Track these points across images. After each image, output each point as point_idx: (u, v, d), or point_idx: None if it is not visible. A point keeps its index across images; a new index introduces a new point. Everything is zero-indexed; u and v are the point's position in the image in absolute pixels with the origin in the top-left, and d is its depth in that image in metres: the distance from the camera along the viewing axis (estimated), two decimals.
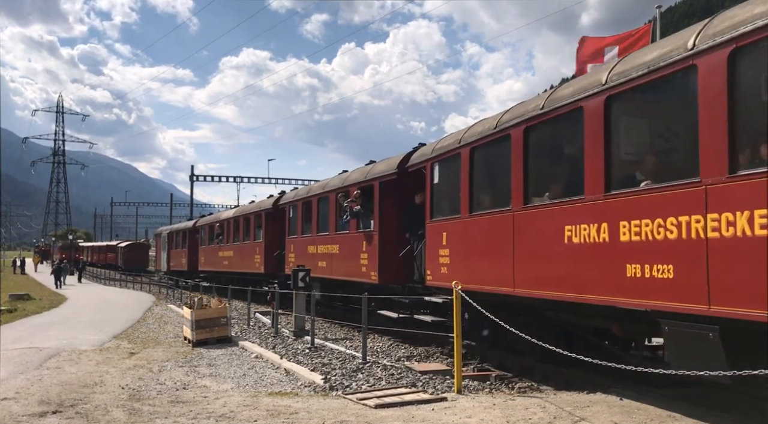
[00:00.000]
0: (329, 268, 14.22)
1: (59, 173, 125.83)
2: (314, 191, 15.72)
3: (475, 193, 8.94)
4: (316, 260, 14.95)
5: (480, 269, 8.58)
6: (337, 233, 13.76)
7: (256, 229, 20.88)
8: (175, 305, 22.20)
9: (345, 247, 13.31)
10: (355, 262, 12.57)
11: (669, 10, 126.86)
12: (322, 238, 14.77)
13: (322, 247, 14.69)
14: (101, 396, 7.39)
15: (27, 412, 6.55)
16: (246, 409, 6.52)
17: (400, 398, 6.77)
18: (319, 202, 15.30)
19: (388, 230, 11.76)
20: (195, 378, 8.64)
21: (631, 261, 5.87)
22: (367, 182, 12.55)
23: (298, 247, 16.56)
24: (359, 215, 12.59)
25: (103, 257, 66.79)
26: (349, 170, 14.91)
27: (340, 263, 13.60)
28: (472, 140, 8.94)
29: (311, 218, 15.68)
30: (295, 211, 17.15)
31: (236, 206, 31.30)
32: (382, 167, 12.23)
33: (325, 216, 14.72)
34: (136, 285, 37.00)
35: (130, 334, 14.45)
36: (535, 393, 7.03)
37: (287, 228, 17.78)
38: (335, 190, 14.10)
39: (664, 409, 5.80)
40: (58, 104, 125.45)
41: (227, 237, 24.46)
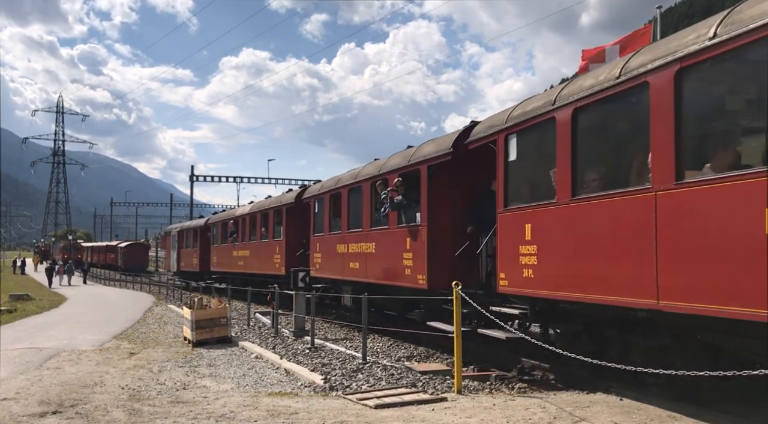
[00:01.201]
0: (363, 270, 12.42)
1: (59, 173, 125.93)
2: (344, 182, 13.74)
3: (582, 169, 6.84)
4: (346, 260, 13.21)
5: (590, 272, 6.52)
6: (373, 229, 11.98)
7: (276, 226, 19.10)
8: (175, 305, 22.20)
9: (383, 245, 11.58)
10: (397, 263, 10.89)
11: (669, 10, 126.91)
12: (354, 235, 12.94)
13: (354, 246, 12.89)
14: (101, 396, 7.39)
15: (27, 412, 6.55)
16: (246, 409, 6.52)
17: (400, 398, 6.77)
18: (350, 194, 13.36)
19: (441, 224, 9.94)
20: (195, 378, 8.63)
21: None
22: (411, 167, 10.71)
23: (325, 246, 14.71)
24: (401, 206, 10.84)
25: (103, 257, 66.86)
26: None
27: (377, 264, 11.83)
28: (577, 98, 6.81)
29: (341, 213, 13.77)
30: (321, 205, 15.22)
31: (235, 206, 30.77)
32: (430, 148, 10.35)
33: (358, 210, 12.85)
34: (136, 285, 37.01)
35: (130, 334, 14.44)
36: (535, 393, 7.03)
37: (312, 225, 15.84)
38: (370, 179, 12.21)
39: (664, 409, 5.80)
40: (58, 104, 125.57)
41: (242, 235, 22.62)
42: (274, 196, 21.47)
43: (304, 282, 13.56)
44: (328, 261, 14.43)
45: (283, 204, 18.68)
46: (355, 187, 13.10)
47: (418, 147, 11.09)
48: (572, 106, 6.90)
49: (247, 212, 22.47)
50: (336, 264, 13.67)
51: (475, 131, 9.22)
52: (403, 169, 11.01)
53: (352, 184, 13.26)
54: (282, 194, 20.29)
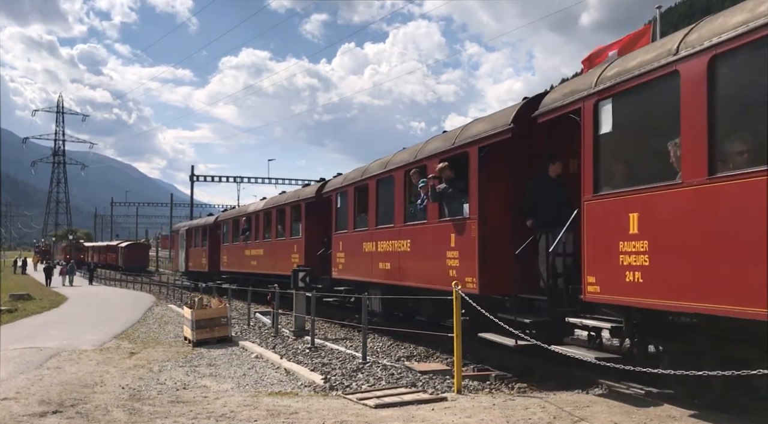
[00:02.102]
0: (396, 271, 10.99)
1: (59, 173, 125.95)
2: (372, 172, 12.38)
3: (723, 138, 5.24)
4: (375, 260, 11.87)
5: (736, 276, 4.95)
6: (409, 225, 10.61)
7: (294, 223, 17.61)
8: (175, 304, 22.21)
9: (421, 242, 10.18)
10: (438, 263, 9.43)
11: (669, 10, 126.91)
12: (384, 232, 11.53)
13: (384, 243, 11.47)
14: (101, 396, 7.40)
15: (27, 412, 6.56)
16: (246, 409, 6.52)
17: (399, 398, 6.77)
18: (379, 186, 11.95)
19: (495, 216, 8.48)
20: (195, 378, 8.64)
21: None
22: (457, 150, 9.24)
23: (349, 244, 13.39)
24: (444, 196, 9.44)
25: (104, 257, 66.92)
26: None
27: (412, 265, 10.44)
28: (717, 42, 5.18)
29: (367, 207, 12.43)
30: (344, 199, 13.82)
31: (235, 207, 30.24)
32: (482, 126, 8.83)
33: (389, 203, 11.47)
34: (137, 285, 37.04)
35: (130, 334, 14.45)
36: (535, 393, 7.03)
37: (334, 221, 14.45)
38: (404, 167, 10.85)
39: (664, 409, 5.80)
40: (58, 104, 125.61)
41: (256, 233, 21.08)
42: (290, 191, 19.86)
43: (305, 282, 13.39)
44: (352, 261, 13.13)
45: (301, 199, 17.10)
46: (385, 178, 11.69)
47: (464, 127, 9.58)
48: (708, 54, 5.24)
49: (261, 209, 20.84)
50: (362, 264, 12.43)
51: (547, 100, 7.59)
52: (446, 153, 9.55)
53: (381, 174, 11.82)
54: (300, 188, 18.78)
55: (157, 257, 71.10)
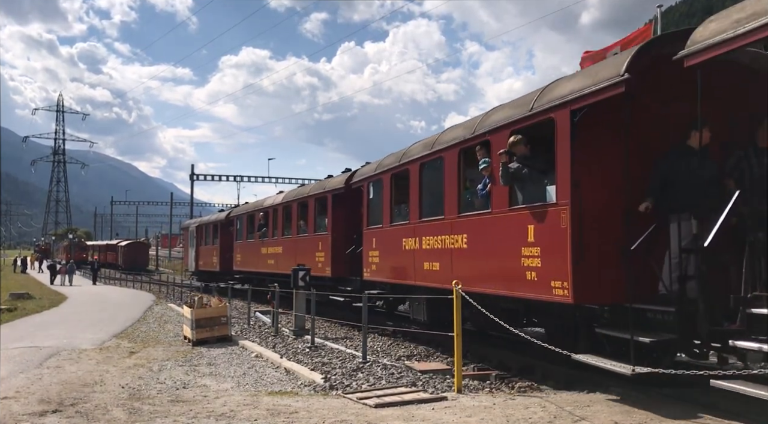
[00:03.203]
0: (447, 272, 9.21)
1: (59, 172, 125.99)
2: (414, 154, 10.66)
3: None
4: (418, 259, 10.21)
5: None
6: (464, 216, 8.90)
7: (318, 217, 15.84)
8: (175, 304, 22.21)
9: (483, 237, 8.41)
10: (509, 262, 7.69)
11: (669, 9, 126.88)
12: (431, 225, 9.85)
13: (430, 239, 9.81)
14: (101, 395, 7.39)
15: (27, 411, 6.56)
16: (246, 408, 6.52)
17: (400, 397, 6.77)
18: (423, 171, 10.30)
19: (595, 201, 6.63)
20: (195, 377, 8.64)
21: None
22: (537, 117, 7.38)
23: (384, 241, 11.73)
24: (518, 178, 7.67)
25: (104, 256, 66.97)
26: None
27: (471, 265, 8.69)
28: None
29: (408, 197, 10.80)
30: (378, 189, 12.20)
31: (236, 205, 29.58)
32: (576, 83, 6.85)
33: (438, 190, 9.72)
34: (137, 284, 37.05)
35: (130, 333, 14.45)
36: (535, 393, 7.03)
37: (365, 215, 12.80)
38: (458, 145, 9.16)
39: (664, 408, 5.80)
40: (58, 103, 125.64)
41: (274, 229, 19.33)
42: (312, 183, 17.73)
43: (305, 282, 13.30)
44: (389, 261, 11.52)
45: (327, 190, 15.25)
46: (431, 161, 9.98)
47: (542, 90, 7.62)
48: None
49: (279, 202, 18.98)
50: (401, 265, 10.86)
51: (704, 34, 5.28)
52: (520, 123, 7.73)
53: (426, 157, 10.09)
54: (325, 179, 16.77)
55: (157, 256, 71.14)
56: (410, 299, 10.78)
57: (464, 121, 9.83)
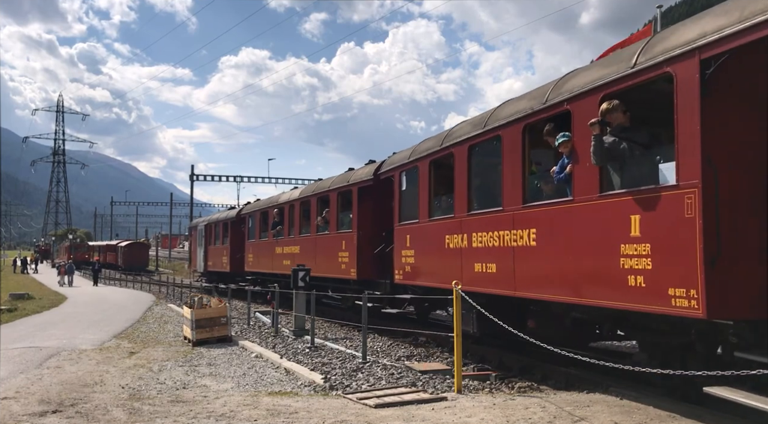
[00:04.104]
0: (508, 275, 7.78)
1: (59, 173, 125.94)
2: (459, 135, 9.21)
3: None
4: (467, 260, 8.74)
5: None
6: (531, 207, 7.37)
7: (342, 213, 14.53)
8: (175, 304, 22.21)
9: (560, 233, 6.85)
10: (602, 264, 6.17)
11: (669, 10, 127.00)
12: (484, 219, 8.38)
13: (483, 236, 8.35)
14: (101, 395, 7.40)
15: (27, 411, 6.56)
16: (246, 408, 6.52)
17: (400, 397, 6.77)
18: (472, 155, 8.84)
19: (732, 184, 5.15)
20: (195, 378, 8.64)
21: None
22: (643, 75, 5.81)
23: (421, 238, 10.33)
24: (615, 155, 6.14)
25: (104, 257, 67.01)
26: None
27: (541, 266, 7.14)
28: None
29: (453, 186, 9.28)
30: (412, 178, 10.80)
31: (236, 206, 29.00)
32: (704, 25, 5.28)
33: (491, 177, 8.45)
34: (137, 284, 37.06)
35: (130, 333, 14.45)
36: (535, 393, 7.03)
37: (397, 209, 11.43)
38: (521, 121, 7.56)
39: (664, 409, 5.80)
40: (58, 104, 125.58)
41: (290, 227, 17.90)
42: (334, 176, 16.05)
43: (305, 282, 13.20)
44: (427, 261, 10.17)
45: (352, 183, 13.84)
46: (485, 141, 8.50)
47: (647, 43, 5.96)
48: None
49: (296, 198, 17.50)
50: (443, 266, 9.44)
51: None
52: (615, 85, 6.11)
53: (478, 138, 8.62)
54: (348, 171, 15.22)
55: (157, 257, 71.17)
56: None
57: (527, 91, 8.16)
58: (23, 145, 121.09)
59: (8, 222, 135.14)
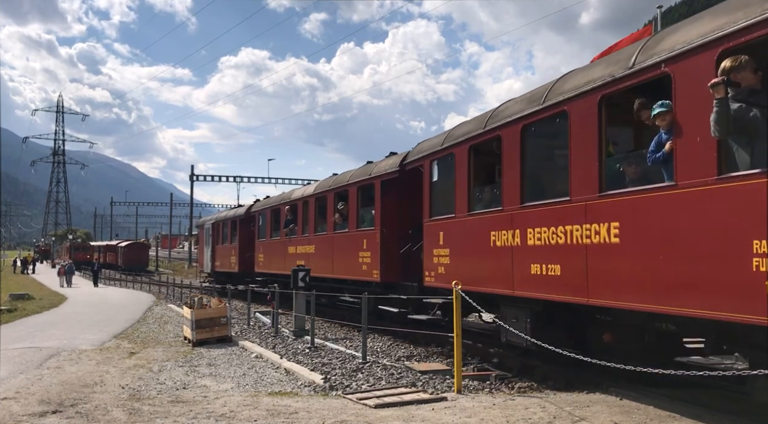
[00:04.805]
0: (576, 279, 6.60)
1: (59, 173, 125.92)
2: (510, 115, 7.98)
3: None
4: (521, 260, 7.58)
5: None
6: (613, 195, 6.14)
7: (362, 209, 13.42)
8: (175, 304, 22.21)
9: (655, 226, 5.61)
10: (728, 263, 4.90)
11: (669, 10, 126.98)
12: (543, 211, 7.23)
13: (543, 231, 7.15)
14: (101, 396, 7.39)
15: (27, 411, 6.56)
16: (246, 409, 6.52)
17: (399, 397, 6.77)
18: (526, 136, 7.64)
19: None
20: (195, 378, 8.64)
21: None
22: None
23: (458, 235, 9.21)
24: (744, 124, 4.99)
25: (103, 257, 67.05)
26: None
27: (624, 267, 5.95)
28: None
29: (500, 174, 8.18)
30: (447, 168, 9.79)
31: (236, 206, 28.42)
32: None
33: (552, 161, 7.51)
34: (136, 285, 37.05)
35: (130, 334, 14.44)
36: (535, 393, 7.03)
37: (428, 203, 10.34)
38: (596, 93, 6.37)
39: (664, 409, 5.80)
40: (58, 104, 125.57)
41: (304, 225, 16.70)
42: (353, 169, 14.83)
43: (305, 282, 13.13)
44: (465, 261, 9.00)
45: (375, 176, 12.64)
46: (542, 120, 7.33)
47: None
48: None
49: (311, 193, 16.23)
50: (488, 267, 8.35)
51: None
52: (741, 37, 4.92)
53: (533, 116, 7.43)
54: (367, 164, 14.01)
55: (156, 257, 71.21)
56: (506, 313, 8.01)
57: (599, 60, 7.09)
58: (23, 145, 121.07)
59: (8, 222, 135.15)
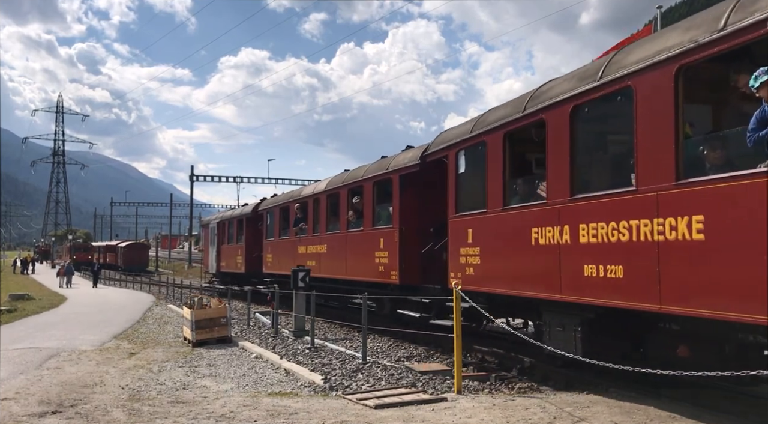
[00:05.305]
0: (651, 280, 5.66)
1: (59, 173, 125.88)
2: (555, 95, 7.10)
3: None
4: (572, 260, 6.68)
5: None
6: (689, 184, 5.32)
7: (379, 206, 12.56)
8: (174, 305, 22.20)
9: (755, 222, 4.70)
10: None
11: (669, 10, 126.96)
12: (600, 204, 6.33)
13: (597, 227, 6.30)
14: (101, 396, 7.39)
15: (27, 412, 6.56)
16: (246, 409, 6.52)
17: (399, 398, 6.77)
18: (577, 119, 6.77)
19: None
20: (195, 378, 8.64)
21: None
22: None
23: (491, 232, 8.31)
24: None
25: (103, 257, 67.04)
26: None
27: (710, 271, 5.13)
28: None
29: (544, 163, 7.29)
30: (477, 157, 8.88)
31: (235, 207, 28.10)
32: None
33: (612, 149, 7.14)
34: (136, 285, 37.04)
35: (130, 334, 14.44)
36: (535, 393, 7.04)
37: (454, 197, 9.41)
38: (671, 63, 5.49)
39: (664, 409, 5.80)
40: (58, 104, 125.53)
41: (315, 224, 15.82)
42: (368, 164, 13.83)
43: (305, 282, 13.07)
44: (500, 262, 8.14)
45: (393, 170, 11.81)
46: (598, 99, 6.42)
47: None
48: None
49: (322, 190, 15.33)
50: (526, 268, 7.53)
51: None
52: None
53: (586, 94, 6.51)
54: (383, 159, 13.19)
55: (156, 257, 71.20)
56: (549, 320, 7.18)
57: (669, 27, 6.07)
58: (23, 145, 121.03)
59: (8, 223, 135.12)
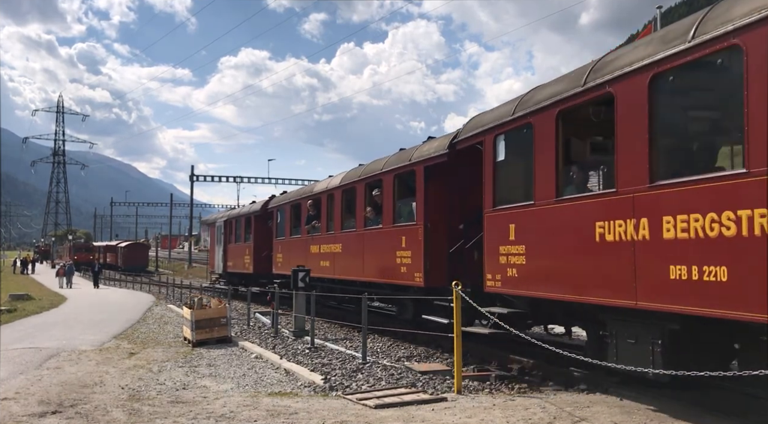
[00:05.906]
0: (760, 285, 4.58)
1: (59, 173, 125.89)
2: (628, 63, 6.05)
3: None
4: (650, 260, 5.66)
5: None
6: None
7: (400, 202, 11.51)
8: (174, 305, 22.20)
9: None
10: None
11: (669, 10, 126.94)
12: (684, 192, 5.30)
13: (688, 219, 5.24)
14: (101, 396, 7.39)
15: (27, 412, 6.55)
16: (246, 409, 6.52)
17: (399, 398, 6.77)
18: (656, 92, 5.70)
19: None
20: (195, 378, 8.63)
21: None
22: None
23: (539, 228, 7.33)
24: None
25: (103, 257, 67.07)
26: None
27: None
28: None
29: (613, 147, 6.21)
30: (519, 143, 7.95)
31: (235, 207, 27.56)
32: None
33: (707, 126, 6.14)
34: (136, 285, 37.05)
35: (129, 334, 14.44)
36: (535, 393, 7.03)
37: (491, 189, 8.40)
38: None
39: (664, 409, 5.80)
40: (58, 104, 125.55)
41: (329, 222, 14.76)
42: (384, 157, 12.74)
43: (305, 282, 13.03)
44: (552, 262, 7.11)
45: (416, 162, 10.73)
46: (687, 65, 5.38)
47: None
48: None
49: (337, 185, 14.26)
50: (586, 269, 6.53)
51: None
52: None
53: (670, 60, 5.47)
54: (402, 151, 12.19)
55: (156, 257, 71.20)
56: (617, 331, 6.31)
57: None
58: (23, 145, 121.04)
59: (8, 223, 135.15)
